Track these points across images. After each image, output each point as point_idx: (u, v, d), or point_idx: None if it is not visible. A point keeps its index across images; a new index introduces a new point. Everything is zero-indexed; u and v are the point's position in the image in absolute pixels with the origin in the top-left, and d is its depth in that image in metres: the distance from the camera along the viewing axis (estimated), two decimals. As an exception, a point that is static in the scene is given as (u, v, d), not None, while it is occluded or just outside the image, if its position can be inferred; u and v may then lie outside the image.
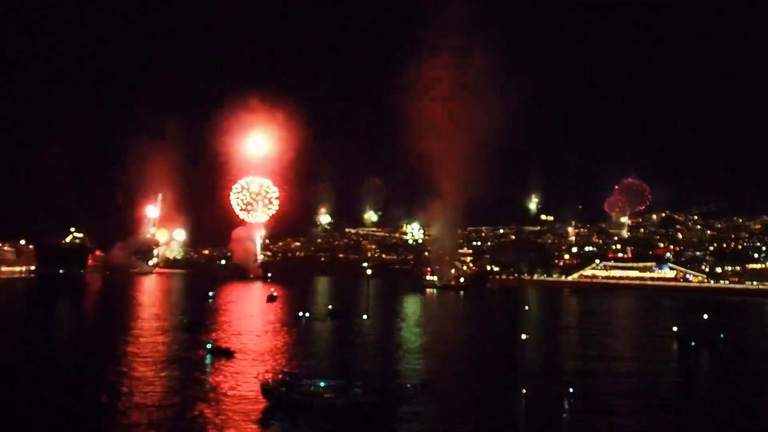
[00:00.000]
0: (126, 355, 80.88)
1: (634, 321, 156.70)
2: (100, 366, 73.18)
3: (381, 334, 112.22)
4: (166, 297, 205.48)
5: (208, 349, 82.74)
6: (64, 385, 65.00)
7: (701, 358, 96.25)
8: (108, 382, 64.62)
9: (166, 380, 66.61)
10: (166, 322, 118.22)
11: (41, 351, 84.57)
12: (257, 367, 73.51)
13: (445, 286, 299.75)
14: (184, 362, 76.49)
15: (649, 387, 70.03)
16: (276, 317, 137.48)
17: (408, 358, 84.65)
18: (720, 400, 66.35)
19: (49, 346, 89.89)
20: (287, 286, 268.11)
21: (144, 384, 63.90)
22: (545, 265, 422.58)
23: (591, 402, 61.48)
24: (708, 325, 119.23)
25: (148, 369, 71.46)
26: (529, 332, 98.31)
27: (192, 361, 77.03)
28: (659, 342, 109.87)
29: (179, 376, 68.88)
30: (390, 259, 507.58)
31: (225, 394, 60.68)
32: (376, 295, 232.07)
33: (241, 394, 60.58)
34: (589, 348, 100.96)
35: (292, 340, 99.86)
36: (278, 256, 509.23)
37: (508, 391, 61.88)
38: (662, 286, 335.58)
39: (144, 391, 60.52)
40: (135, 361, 75.90)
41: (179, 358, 79.01)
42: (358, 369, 73.56)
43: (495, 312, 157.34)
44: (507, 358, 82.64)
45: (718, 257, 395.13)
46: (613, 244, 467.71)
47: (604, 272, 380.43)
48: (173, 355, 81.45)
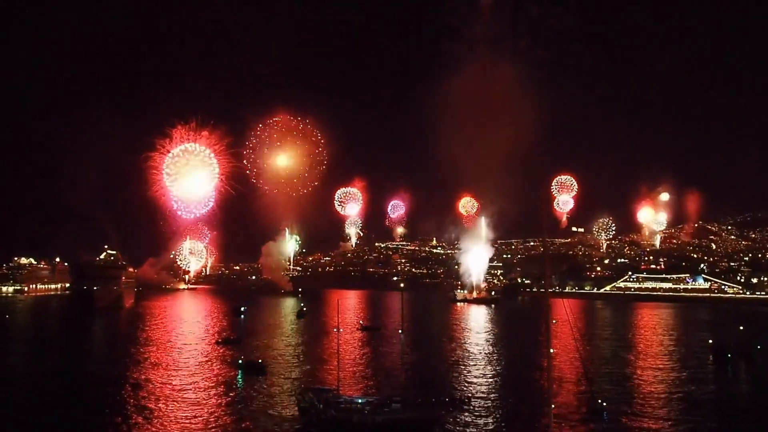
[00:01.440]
0: (156, 372, 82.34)
1: (668, 333, 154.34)
2: (129, 388, 74.34)
3: (416, 348, 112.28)
4: (198, 313, 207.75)
5: (240, 365, 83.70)
6: (100, 403, 66.32)
7: (738, 369, 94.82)
8: (139, 404, 64.92)
9: (199, 398, 67.42)
10: (198, 338, 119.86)
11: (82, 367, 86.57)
12: (291, 382, 74.27)
13: (476, 299, 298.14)
14: (217, 379, 77.53)
15: (685, 401, 69.28)
16: (307, 332, 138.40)
17: (444, 373, 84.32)
18: (757, 412, 65.66)
19: (83, 365, 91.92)
20: (317, 300, 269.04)
21: (177, 402, 64.81)
22: (577, 277, 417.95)
23: (625, 416, 61.18)
24: (744, 336, 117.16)
25: (180, 386, 72.67)
26: (562, 345, 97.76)
27: (225, 378, 78.01)
28: (695, 354, 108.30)
29: (213, 393, 69.59)
30: (420, 272, 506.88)
31: (259, 411, 60.94)
32: (408, 308, 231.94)
33: (276, 411, 60.94)
34: (622, 361, 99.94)
35: (325, 354, 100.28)
36: (308, 271, 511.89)
37: (541, 406, 61.75)
38: (697, 298, 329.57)
39: (177, 410, 61.44)
40: (166, 379, 77.20)
41: (212, 375, 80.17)
42: (395, 384, 73.58)
43: (526, 325, 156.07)
44: (539, 373, 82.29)
45: (753, 268, 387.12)
46: (646, 255, 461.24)
47: (636, 284, 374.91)
48: (206, 372, 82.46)
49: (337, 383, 64.25)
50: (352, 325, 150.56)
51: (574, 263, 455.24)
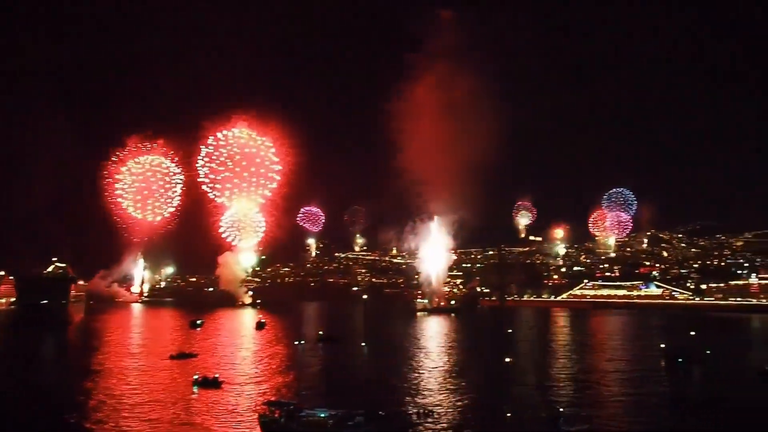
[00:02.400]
0: (110, 388, 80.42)
1: (623, 339, 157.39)
2: (79, 404, 72.53)
3: (379, 360, 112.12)
4: (152, 327, 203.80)
5: (196, 380, 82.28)
6: (48, 422, 64.34)
7: (689, 373, 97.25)
8: (89, 423, 63.21)
9: (152, 415, 65.74)
10: (151, 353, 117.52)
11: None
12: (250, 397, 73.37)
13: (436, 309, 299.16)
14: (171, 395, 75.94)
15: (639, 404, 70.82)
16: (266, 344, 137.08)
17: (407, 385, 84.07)
18: (707, 414, 67.53)
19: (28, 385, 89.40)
20: (277, 312, 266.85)
21: (130, 420, 63.27)
22: (535, 285, 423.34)
23: (582, 420, 62.11)
24: (694, 341, 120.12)
25: (134, 403, 71.15)
26: (520, 354, 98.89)
27: (180, 394, 76.36)
28: (648, 359, 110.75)
29: (167, 410, 67.96)
30: (380, 282, 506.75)
31: (217, 427, 59.93)
32: (368, 319, 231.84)
33: (235, 427, 60.05)
34: (578, 367, 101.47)
35: (285, 367, 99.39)
36: (267, 282, 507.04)
37: (500, 415, 62.29)
38: (649, 304, 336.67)
39: (129, 429, 59.80)
40: (120, 395, 75.40)
41: (166, 391, 78.58)
42: (359, 397, 73.18)
43: (484, 335, 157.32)
44: (498, 382, 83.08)
45: (702, 274, 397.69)
46: (601, 263, 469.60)
47: (592, 291, 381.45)
48: (160, 388, 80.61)
49: (299, 396, 63.74)
50: (312, 336, 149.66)
51: (532, 272, 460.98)
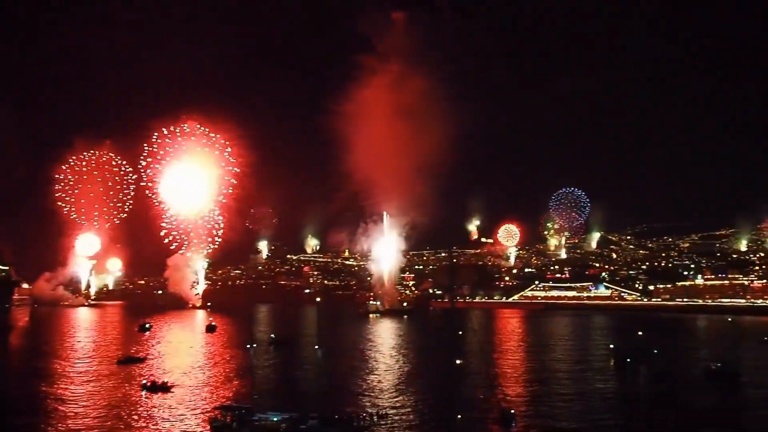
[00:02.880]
0: (54, 393, 77.71)
1: (573, 340, 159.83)
2: (26, 409, 69.92)
3: (333, 362, 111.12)
4: (98, 331, 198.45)
5: (144, 385, 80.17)
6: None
7: (637, 373, 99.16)
8: (34, 424, 61.47)
9: (98, 422, 63.70)
10: (98, 358, 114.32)
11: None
12: (201, 401, 71.76)
13: (388, 311, 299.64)
14: (117, 400, 73.85)
15: (589, 404, 71.74)
16: (217, 347, 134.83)
17: (361, 387, 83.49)
18: (654, 411, 68.94)
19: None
20: (228, 314, 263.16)
21: (74, 426, 61.33)
22: (486, 287, 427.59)
23: (533, 421, 62.59)
24: (643, 341, 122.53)
25: (79, 408, 68.87)
26: (471, 355, 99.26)
27: (127, 399, 74.23)
28: (598, 359, 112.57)
29: (114, 416, 65.91)
30: (332, 284, 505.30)
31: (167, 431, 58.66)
32: (321, 321, 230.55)
33: (185, 431, 58.78)
34: (529, 367, 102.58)
35: (237, 371, 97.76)
36: (218, 285, 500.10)
37: (452, 417, 62.13)
38: (599, 305, 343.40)
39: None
40: (65, 402, 72.89)
41: (112, 396, 76.38)
42: (312, 400, 72.25)
43: (435, 337, 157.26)
44: (449, 384, 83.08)
45: (650, 275, 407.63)
46: (552, 265, 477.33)
47: (543, 293, 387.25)
48: (106, 393, 78.36)
49: (252, 400, 62.63)
50: (264, 339, 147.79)
51: (483, 273, 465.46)
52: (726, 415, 68.46)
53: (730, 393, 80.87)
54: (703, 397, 79.29)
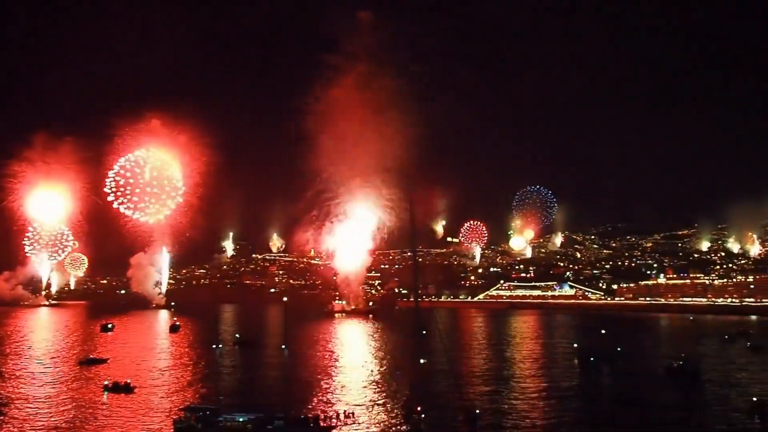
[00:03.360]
0: (14, 395, 75.58)
1: (538, 339, 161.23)
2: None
3: (299, 362, 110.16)
4: (59, 331, 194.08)
5: (107, 386, 78.50)
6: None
7: (600, 371, 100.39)
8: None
9: (59, 423, 62.21)
10: (59, 359, 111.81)
11: None
12: (165, 402, 70.53)
13: (354, 311, 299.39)
14: (79, 401, 72.16)
15: (554, 402, 72.25)
16: (181, 348, 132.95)
17: (327, 387, 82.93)
18: (617, 409, 70.25)
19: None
20: (192, 314, 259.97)
21: (35, 428, 59.80)
22: (452, 286, 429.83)
23: (498, 421, 62.81)
24: (606, 340, 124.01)
25: (40, 409, 67.13)
26: (435, 354, 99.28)
27: (89, 400, 72.52)
28: (562, 358, 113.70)
29: (75, 417, 64.38)
30: (298, 284, 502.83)
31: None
32: (287, 321, 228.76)
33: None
34: (494, 367, 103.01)
35: (201, 372, 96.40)
36: (182, 284, 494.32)
37: (416, 416, 61.95)
38: (563, 305, 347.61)
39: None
40: (25, 403, 71.02)
41: (74, 397, 74.61)
42: (278, 400, 71.48)
43: (400, 336, 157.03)
44: (416, 383, 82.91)
45: (614, 275, 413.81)
46: (517, 264, 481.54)
47: (508, 292, 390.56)
48: (67, 394, 76.58)
49: (217, 401, 61.66)
50: (229, 339, 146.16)
51: (449, 273, 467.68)
52: (687, 411, 69.53)
53: (691, 390, 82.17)
54: (665, 393, 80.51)
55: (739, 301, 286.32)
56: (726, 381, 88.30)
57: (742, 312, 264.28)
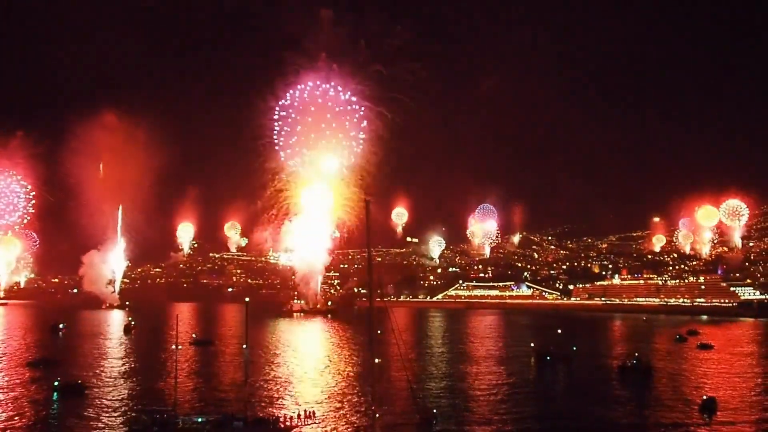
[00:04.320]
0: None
1: (496, 338, 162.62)
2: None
3: (258, 363, 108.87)
4: (7, 331, 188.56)
5: (56, 387, 76.33)
6: None
7: (556, 369, 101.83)
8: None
9: (5, 424, 60.34)
10: (5, 360, 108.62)
11: None
12: (119, 404, 68.95)
13: (312, 310, 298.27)
14: (27, 403, 70.08)
15: (511, 401, 72.98)
16: (136, 348, 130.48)
17: (287, 388, 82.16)
18: (571, 406, 71.82)
19: None
20: (147, 314, 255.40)
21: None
22: (411, 286, 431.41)
23: (455, 420, 63.10)
24: (562, 339, 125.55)
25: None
26: (390, 354, 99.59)
27: (36, 403, 70.38)
28: (519, 357, 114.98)
29: (21, 420, 62.42)
30: (256, 283, 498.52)
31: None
32: (246, 320, 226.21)
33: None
34: (451, 366, 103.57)
35: (157, 372, 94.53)
36: (137, 283, 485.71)
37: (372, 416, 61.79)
38: (520, 305, 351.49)
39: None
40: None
41: (22, 399, 72.49)
42: (237, 401, 70.34)
43: (357, 335, 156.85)
44: (370, 383, 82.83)
45: (570, 275, 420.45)
46: (475, 264, 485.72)
47: (467, 292, 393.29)
48: (13, 397, 74.15)
49: (174, 403, 60.55)
50: (185, 339, 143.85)
51: (408, 273, 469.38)
52: (639, 407, 70.97)
53: (643, 387, 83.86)
54: (619, 391, 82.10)
55: (691, 301, 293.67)
56: (677, 379, 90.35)
57: (693, 312, 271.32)
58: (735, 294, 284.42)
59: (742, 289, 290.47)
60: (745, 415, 66.40)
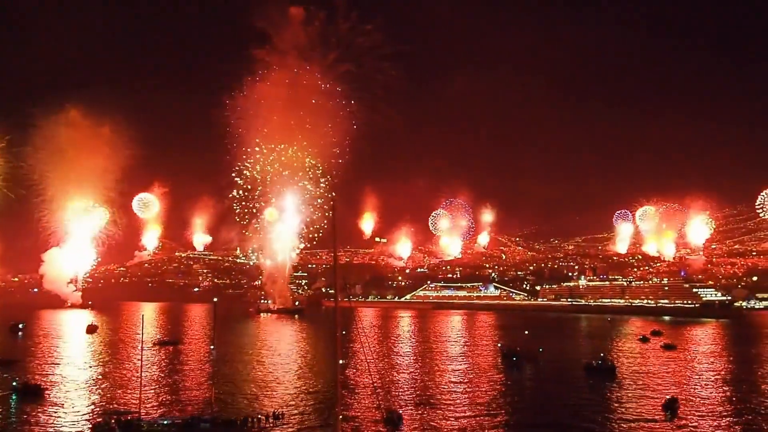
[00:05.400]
0: None
1: (463, 339, 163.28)
2: None
3: (225, 363, 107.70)
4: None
5: (15, 387, 74.50)
6: None
7: (523, 369, 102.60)
8: None
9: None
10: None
11: None
12: (82, 406, 67.56)
13: (280, 310, 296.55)
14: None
15: (478, 401, 73.35)
16: (99, 349, 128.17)
17: (255, 388, 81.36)
18: (538, 404, 72.56)
19: None
20: (111, 314, 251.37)
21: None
22: (379, 286, 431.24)
23: (421, 420, 63.10)
24: (529, 340, 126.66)
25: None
26: (355, 355, 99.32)
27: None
28: (487, 357, 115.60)
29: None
30: (223, 283, 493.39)
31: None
32: (213, 320, 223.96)
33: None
34: (417, 367, 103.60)
35: (122, 373, 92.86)
36: (100, 282, 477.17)
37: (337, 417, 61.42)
38: (488, 305, 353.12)
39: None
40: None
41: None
42: (204, 402, 69.39)
43: (323, 336, 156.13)
44: (336, 384, 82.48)
45: (537, 277, 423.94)
46: (444, 265, 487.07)
47: (435, 293, 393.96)
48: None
49: (139, 404, 59.50)
50: (151, 339, 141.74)
51: (376, 273, 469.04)
52: (604, 407, 71.77)
53: (608, 386, 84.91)
54: (584, 390, 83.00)
55: (655, 302, 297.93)
56: (641, 378, 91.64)
57: (656, 313, 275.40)
58: (697, 295, 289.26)
59: (704, 291, 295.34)
60: (705, 414, 67.62)
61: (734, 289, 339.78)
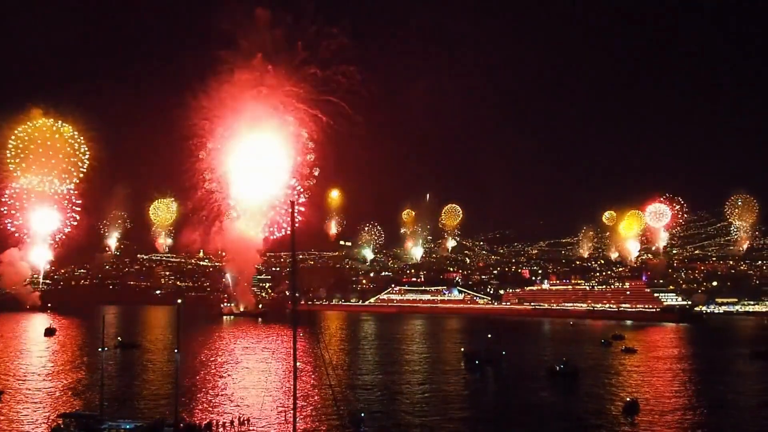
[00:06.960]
0: None
1: (426, 343, 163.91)
2: None
3: (185, 367, 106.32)
4: None
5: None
6: None
7: (486, 373, 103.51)
8: None
9: None
10: None
11: None
12: (40, 409, 66.20)
13: (243, 313, 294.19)
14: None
15: (440, 403, 73.90)
16: (58, 352, 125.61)
17: (219, 392, 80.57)
18: (498, 407, 73.56)
19: None
20: (71, 316, 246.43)
21: None
22: (343, 289, 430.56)
23: (383, 423, 63.33)
24: (491, 343, 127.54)
25: None
26: (316, 358, 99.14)
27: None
28: (449, 361, 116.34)
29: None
30: (185, 285, 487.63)
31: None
32: (176, 323, 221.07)
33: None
34: (380, 370, 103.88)
35: (81, 376, 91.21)
36: (60, 284, 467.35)
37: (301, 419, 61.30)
38: (452, 309, 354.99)
39: None
40: None
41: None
42: (167, 406, 68.37)
43: (289, 339, 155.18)
44: (306, 387, 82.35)
45: (500, 280, 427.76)
46: (408, 269, 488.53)
47: (399, 296, 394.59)
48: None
49: (100, 407, 58.51)
50: (112, 342, 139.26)
51: (341, 276, 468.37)
52: (566, 410, 72.85)
53: (570, 390, 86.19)
54: (547, 394, 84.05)
55: (616, 307, 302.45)
56: (602, 382, 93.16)
57: (618, 317, 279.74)
58: (658, 300, 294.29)
59: (665, 295, 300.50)
60: (665, 415, 69.03)
61: (694, 293, 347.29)
